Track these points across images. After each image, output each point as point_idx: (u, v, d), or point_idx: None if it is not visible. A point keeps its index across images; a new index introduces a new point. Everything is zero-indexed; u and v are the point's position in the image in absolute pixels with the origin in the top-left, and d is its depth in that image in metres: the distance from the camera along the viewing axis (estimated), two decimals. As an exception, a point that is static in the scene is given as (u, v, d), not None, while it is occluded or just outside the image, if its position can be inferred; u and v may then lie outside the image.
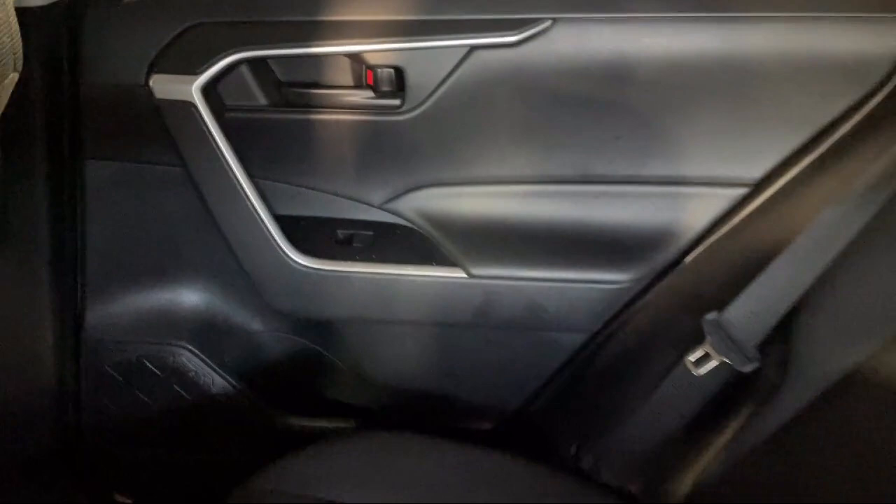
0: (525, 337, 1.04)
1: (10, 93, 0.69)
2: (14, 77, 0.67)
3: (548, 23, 0.88)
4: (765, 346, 0.89)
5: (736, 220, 0.97)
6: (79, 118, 0.92)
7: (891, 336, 0.74)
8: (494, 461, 0.96)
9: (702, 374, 0.92)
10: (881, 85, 0.90)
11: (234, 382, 1.09)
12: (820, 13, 0.88)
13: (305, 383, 1.12)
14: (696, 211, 0.98)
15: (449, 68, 0.90)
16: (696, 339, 0.92)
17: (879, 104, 0.90)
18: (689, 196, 0.97)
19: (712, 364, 0.91)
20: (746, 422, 0.89)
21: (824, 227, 0.88)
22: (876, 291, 0.80)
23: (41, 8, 0.80)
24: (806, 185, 0.93)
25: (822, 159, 0.93)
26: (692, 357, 0.92)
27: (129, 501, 1.19)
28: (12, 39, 0.65)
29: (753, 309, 0.90)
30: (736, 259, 0.96)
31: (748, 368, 0.89)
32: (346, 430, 1.08)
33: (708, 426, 0.94)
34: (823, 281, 0.85)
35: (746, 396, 0.90)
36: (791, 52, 0.89)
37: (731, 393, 0.92)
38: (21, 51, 0.67)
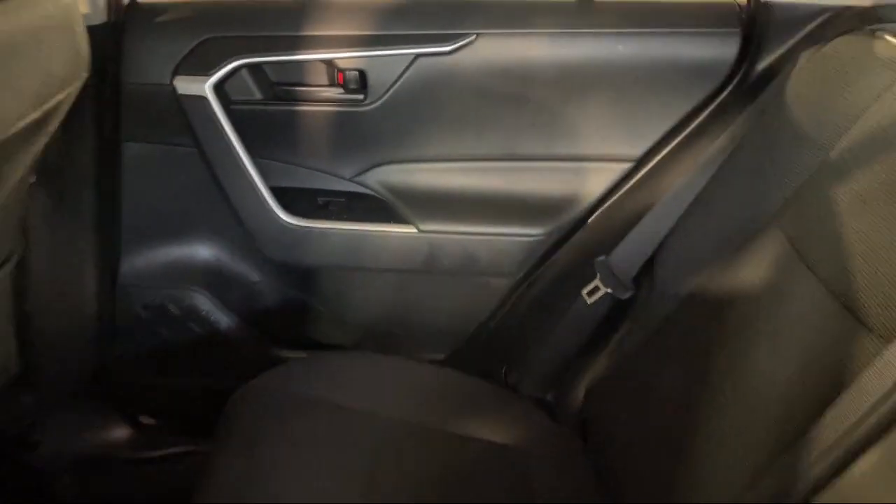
0: (464, 282, 1.31)
1: (79, 89, 0.96)
2: (84, 77, 0.94)
3: (473, 37, 1.15)
4: (638, 279, 1.16)
5: (624, 188, 1.24)
6: (119, 109, 1.19)
7: (717, 264, 1.01)
8: (450, 377, 1.22)
9: (593, 302, 1.19)
10: (724, 84, 1.17)
11: (236, 321, 1.35)
12: (673, 28, 1.15)
13: (293, 322, 1.38)
14: (593, 181, 1.24)
15: (400, 71, 1.17)
16: (590, 277, 1.19)
17: (723, 99, 1.17)
18: (588, 170, 1.24)
19: (601, 294, 1.18)
20: (625, 334, 1.16)
21: (679, 190, 1.15)
22: (710, 234, 1.07)
23: (96, 26, 1.07)
24: (672, 160, 1.20)
25: (684, 140, 1.20)
26: (586, 290, 1.19)
27: (151, 422, 1.44)
28: (84, 51, 0.91)
29: (630, 252, 1.17)
30: (622, 217, 1.22)
31: (626, 296, 1.17)
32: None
33: (599, 342, 1.20)
34: (676, 229, 1.12)
35: (625, 316, 1.17)
36: (655, 57, 1.16)
37: (615, 315, 1.19)
38: (89, 58, 0.93)
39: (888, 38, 0.97)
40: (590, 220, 1.25)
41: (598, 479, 1.09)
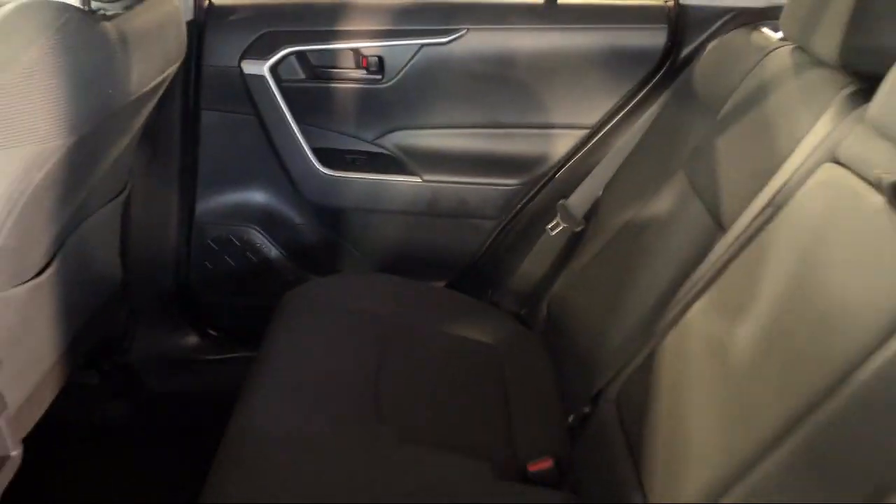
0: (458, 222, 1.65)
1: (175, 70, 1.31)
2: (181, 59, 1.29)
3: (464, 31, 1.50)
4: (587, 216, 1.50)
5: (582, 149, 1.57)
6: (199, 85, 1.55)
7: (641, 201, 1.33)
8: (446, 294, 1.57)
9: (555, 235, 1.52)
10: (656, 68, 1.50)
11: (282, 253, 1.71)
12: (618, 25, 1.49)
13: (325, 254, 1.73)
14: (558, 143, 1.58)
15: (409, 57, 1.52)
16: (553, 217, 1.53)
17: (654, 79, 1.50)
18: (554, 135, 1.57)
19: (560, 228, 1.52)
20: (576, 258, 1.49)
21: (619, 148, 1.49)
22: (637, 180, 1.40)
23: (187, 22, 1.43)
24: (617, 126, 1.53)
25: (626, 111, 1.52)
26: (550, 226, 1.53)
27: (215, 333, 1.80)
28: (184, 40, 1.27)
29: (582, 196, 1.51)
30: (579, 171, 1.56)
31: (578, 229, 1.50)
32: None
33: (559, 268, 1.54)
34: (615, 177, 1.46)
35: (577, 244, 1.50)
36: (603, 47, 1.50)
37: (571, 245, 1.52)
38: (185, 45, 1.29)
39: (765, 30, 1.30)
40: (554, 174, 1.58)
41: (553, 367, 1.42)
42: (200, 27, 1.50)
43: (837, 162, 0.88)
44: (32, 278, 1.08)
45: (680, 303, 1.04)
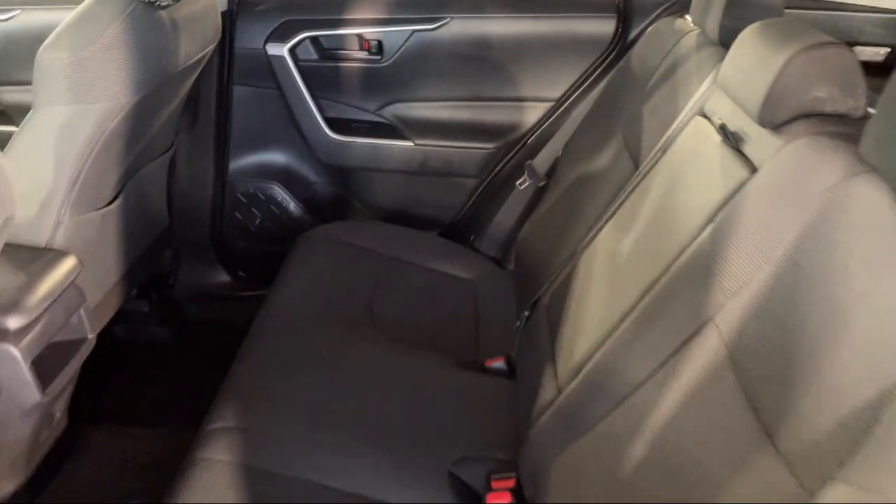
0: (445, 180, 1.93)
1: (211, 51, 1.61)
2: (217, 41, 1.59)
3: (448, 19, 1.78)
4: (549, 173, 1.78)
5: (549, 119, 1.85)
6: (232, 63, 1.85)
7: (587, 159, 1.60)
8: (434, 239, 1.85)
9: (522, 189, 1.80)
10: (607, 50, 1.76)
11: (300, 205, 2.01)
12: (575, 13, 1.76)
13: (335, 208, 2.02)
14: (527, 113, 1.85)
15: (403, 41, 1.81)
16: (522, 174, 1.81)
17: (606, 60, 1.77)
18: (524, 106, 1.85)
19: (527, 184, 1.79)
20: (538, 208, 1.76)
21: (575, 117, 1.76)
22: (586, 141, 1.67)
23: (223, 11, 1.73)
24: (575, 98, 1.79)
25: (583, 86, 1.79)
26: (518, 182, 1.81)
27: (243, 274, 2.11)
28: (219, 25, 1.57)
29: (545, 157, 1.79)
30: (544, 136, 1.83)
31: (541, 184, 1.78)
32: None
33: (525, 215, 1.81)
34: (570, 140, 1.73)
35: (540, 196, 1.78)
36: (564, 32, 1.77)
37: (535, 198, 1.80)
38: (220, 29, 1.59)
39: (687, 18, 1.57)
40: (524, 139, 1.86)
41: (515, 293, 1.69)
42: (232, 16, 1.80)
43: (703, 115, 1.16)
44: (104, 206, 1.39)
45: (596, 227, 1.32)
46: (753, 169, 0.95)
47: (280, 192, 2.00)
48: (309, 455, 1.13)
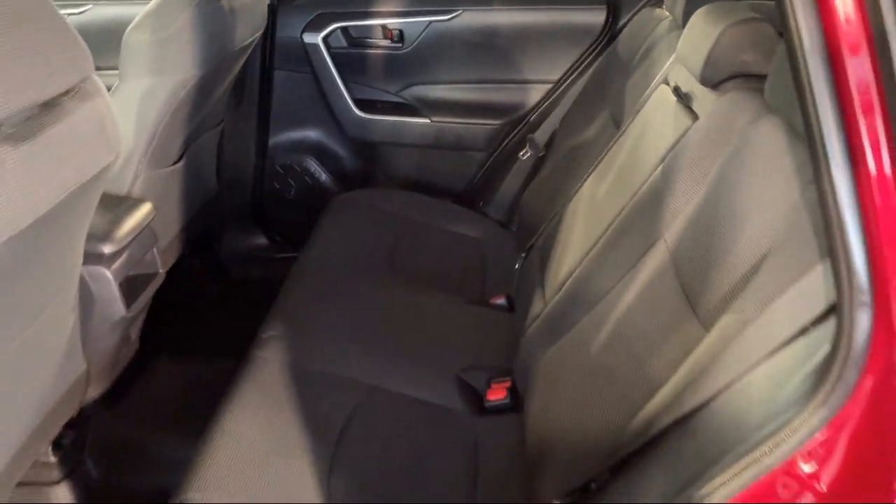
0: (459, 153, 2.17)
1: (257, 38, 1.87)
2: (262, 30, 1.85)
3: (460, 11, 2.03)
4: (547, 144, 2.02)
5: (550, 98, 2.08)
6: (273, 51, 2.10)
7: (580, 131, 1.84)
8: (447, 204, 2.09)
9: (524, 159, 2.05)
10: (598, 37, 2.00)
11: (330, 176, 2.26)
12: (571, 6, 1.99)
13: (360, 177, 2.27)
14: (530, 93, 2.09)
15: (421, 30, 2.05)
16: (524, 146, 2.05)
17: (598, 47, 2.00)
18: (527, 87, 2.09)
19: (528, 154, 2.04)
20: (538, 176, 2.00)
21: (570, 96, 1.99)
22: (578, 116, 1.91)
23: (267, 5, 1.98)
24: (571, 81, 2.03)
25: (577, 70, 2.03)
26: (521, 154, 2.05)
27: (279, 238, 2.36)
28: (265, 16, 1.82)
29: (544, 131, 2.03)
30: (544, 113, 2.07)
31: (541, 154, 2.02)
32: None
33: (526, 183, 2.05)
34: (565, 116, 1.97)
35: (540, 165, 2.02)
36: (562, 23, 2.01)
37: (534, 166, 2.04)
38: (265, 21, 1.85)
39: (662, 8, 1.80)
40: (526, 115, 2.10)
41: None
42: (274, 9, 2.06)
43: (665, 83, 1.39)
44: (171, 165, 1.65)
45: (582, 181, 1.56)
46: (696, 118, 1.18)
47: (313, 165, 2.26)
48: (339, 356, 1.38)
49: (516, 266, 1.71)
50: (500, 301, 1.70)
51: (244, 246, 2.31)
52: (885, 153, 0.59)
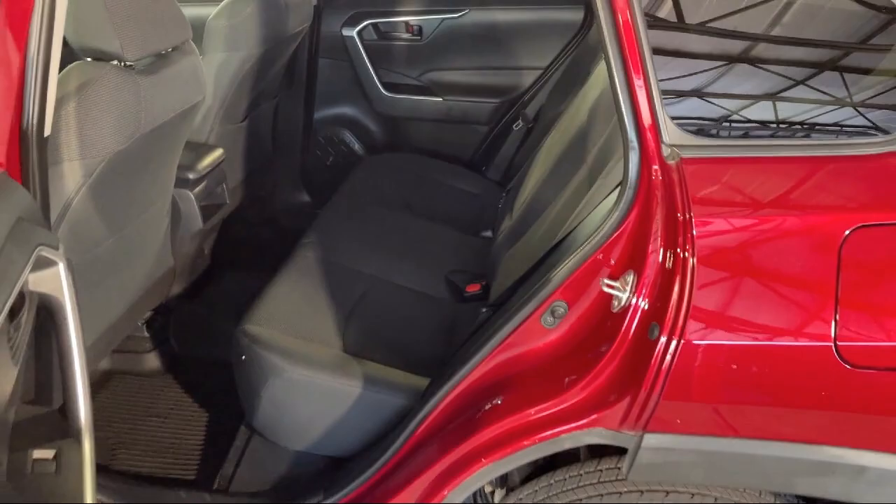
0: (464, 126, 2.60)
1: (306, 29, 2.34)
2: (309, 23, 2.32)
3: (467, 10, 2.48)
4: (536, 117, 2.44)
5: (540, 81, 2.51)
6: (318, 42, 2.58)
7: (571, 101, 2.27)
8: (454, 167, 2.53)
9: (516, 129, 2.47)
10: (580, 32, 2.42)
11: (362, 146, 2.72)
12: (557, 5, 2.42)
13: (387, 146, 2.73)
14: (525, 77, 2.52)
15: (436, 26, 2.51)
16: (518, 118, 2.48)
17: (578, 39, 2.42)
18: (522, 72, 2.51)
19: (520, 126, 2.47)
20: (527, 143, 2.42)
21: (555, 77, 2.42)
22: (561, 92, 2.33)
23: (314, 6, 2.46)
24: (557, 65, 2.45)
25: (563, 57, 2.45)
26: (516, 126, 2.48)
27: (319, 197, 2.82)
28: (311, 13, 2.30)
29: (534, 105, 2.45)
30: (536, 91, 2.49)
31: (530, 125, 2.45)
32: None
33: (519, 146, 2.47)
34: (550, 93, 2.39)
35: (529, 134, 2.44)
36: (547, 19, 2.43)
37: (526, 133, 2.46)
38: (312, 16, 2.32)
39: None
40: (521, 95, 2.53)
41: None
42: (319, 9, 2.53)
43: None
44: (238, 123, 2.13)
45: (547, 135, 1.98)
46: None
47: (348, 136, 2.72)
48: (357, 256, 1.83)
49: (499, 205, 2.14)
50: (487, 234, 2.13)
51: (291, 201, 2.78)
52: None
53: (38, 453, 0.84)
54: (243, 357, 1.47)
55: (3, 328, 0.74)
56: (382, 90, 2.62)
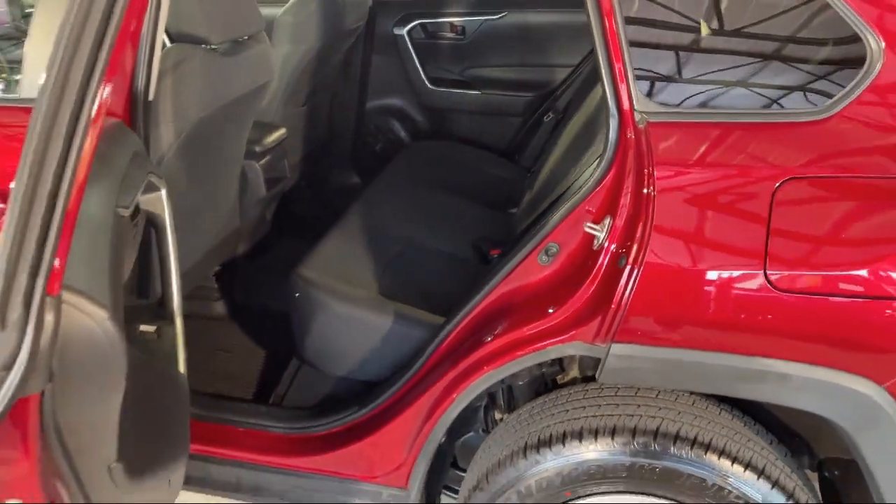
0: (500, 118, 2.84)
1: (362, 27, 2.62)
2: (364, 22, 2.60)
3: (506, 13, 2.72)
4: (564, 110, 2.67)
5: (571, 77, 2.73)
6: (372, 40, 2.86)
7: (584, 97, 2.49)
8: (482, 152, 2.78)
9: (547, 121, 2.70)
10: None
11: (408, 135, 2.98)
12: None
13: (432, 135, 2.98)
14: (556, 73, 2.74)
15: (478, 26, 2.76)
16: (550, 110, 2.71)
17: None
18: (554, 70, 2.74)
19: (550, 118, 2.69)
20: (556, 133, 2.65)
21: (585, 73, 2.65)
22: (588, 85, 2.55)
23: (368, 7, 2.74)
24: (586, 62, 2.67)
25: (589, 54, 2.67)
26: (546, 118, 2.71)
27: (360, 181, 3.09)
28: (366, 13, 2.58)
29: (563, 100, 2.68)
30: (567, 88, 2.71)
31: (560, 117, 2.68)
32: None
33: (549, 136, 2.70)
34: (578, 88, 2.62)
35: (558, 125, 2.66)
36: (578, 21, 2.66)
37: (555, 125, 2.69)
38: (366, 16, 2.60)
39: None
40: (554, 90, 2.76)
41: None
42: (374, 10, 2.81)
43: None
44: (299, 107, 2.42)
45: (570, 123, 2.21)
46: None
47: (396, 125, 2.99)
48: (396, 221, 2.09)
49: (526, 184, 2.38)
50: (513, 210, 2.37)
51: (343, 181, 3.07)
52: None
53: (144, 328, 1.12)
54: (297, 294, 1.74)
55: (129, 224, 1.02)
56: (428, 84, 2.88)
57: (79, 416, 0.93)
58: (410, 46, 2.85)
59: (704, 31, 1.25)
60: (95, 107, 0.85)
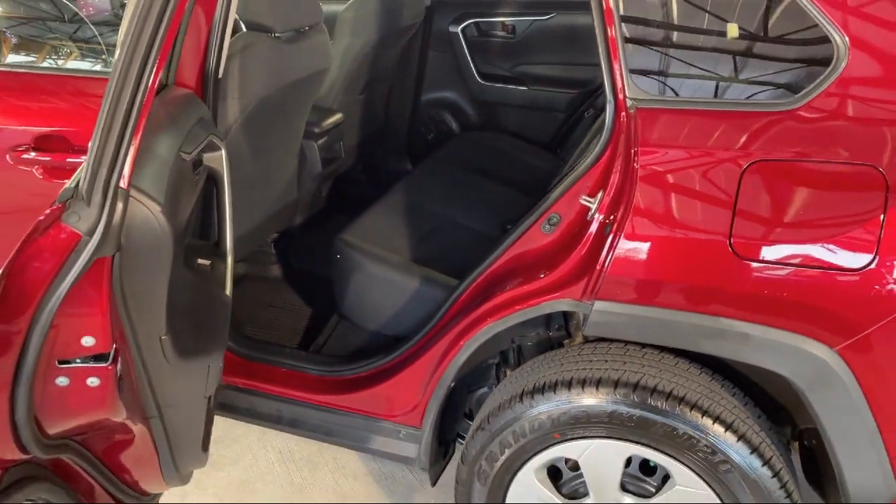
0: (546, 113, 3.00)
1: (418, 24, 2.83)
2: (421, 20, 2.81)
3: (555, 13, 2.88)
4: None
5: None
6: (429, 37, 3.07)
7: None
8: (535, 148, 2.95)
9: (587, 116, 2.85)
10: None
11: (458, 126, 3.17)
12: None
13: (481, 127, 3.16)
14: (598, 72, 2.88)
15: (527, 26, 2.93)
16: (589, 108, 2.86)
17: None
18: (598, 68, 2.88)
19: (590, 112, 2.84)
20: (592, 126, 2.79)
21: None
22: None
23: (427, 7, 2.95)
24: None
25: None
26: (586, 112, 2.86)
27: (412, 168, 3.30)
28: (423, 11, 2.79)
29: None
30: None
31: (599, 112, 2.82)
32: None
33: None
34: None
35: (596, 119, 2.81)
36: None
37: (593, 118, 2.83)
38: (423, 14, 2.81)
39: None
40: (597, 88, 2.89)
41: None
42: (431, 9, 3.02)
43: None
44: (357, 95, 2.65)
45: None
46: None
47: (448, 117, 3.19)
48: (434, 199, 2.29)
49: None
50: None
51: (396, 167, 3.28)
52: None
53: (201, 261, 1.36)
54: (338, 255, 1.96)
55: (189, 168, 1.26)
56: (479, 79, 3.07)
57: (137, 286, 1.23)
58: (464, 43, 3.04)
59: (692, 29, 1.40)
60: (153, 75, 1.14)
